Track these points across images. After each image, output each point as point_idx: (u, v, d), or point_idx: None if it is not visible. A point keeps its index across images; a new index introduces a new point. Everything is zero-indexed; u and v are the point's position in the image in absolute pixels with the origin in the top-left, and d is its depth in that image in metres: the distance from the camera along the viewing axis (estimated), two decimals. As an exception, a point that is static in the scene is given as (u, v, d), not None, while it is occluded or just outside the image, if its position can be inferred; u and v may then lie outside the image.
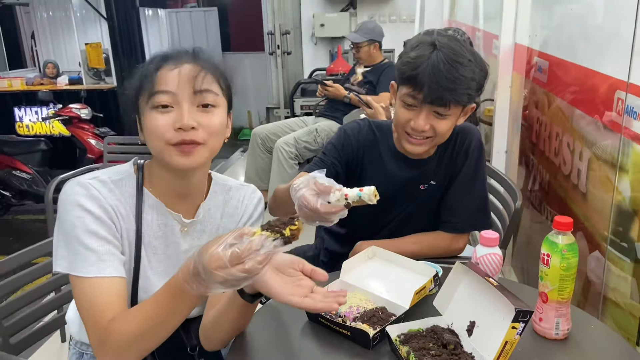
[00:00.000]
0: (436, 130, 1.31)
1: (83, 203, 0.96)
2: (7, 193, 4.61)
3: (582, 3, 1.79)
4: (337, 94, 3.63)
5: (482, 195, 1.47)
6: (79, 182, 0.98)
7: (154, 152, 1.01)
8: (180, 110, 0.95)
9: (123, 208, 1.02)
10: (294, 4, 5.82)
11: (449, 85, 1.23)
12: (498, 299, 0.94)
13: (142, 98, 0.98)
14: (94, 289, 0.92)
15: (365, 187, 0.96)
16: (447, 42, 1.27)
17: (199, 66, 0.98)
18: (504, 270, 2.58)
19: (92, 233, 0.95)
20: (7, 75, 6.91)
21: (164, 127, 0.95)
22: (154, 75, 0.96)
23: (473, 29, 3.73)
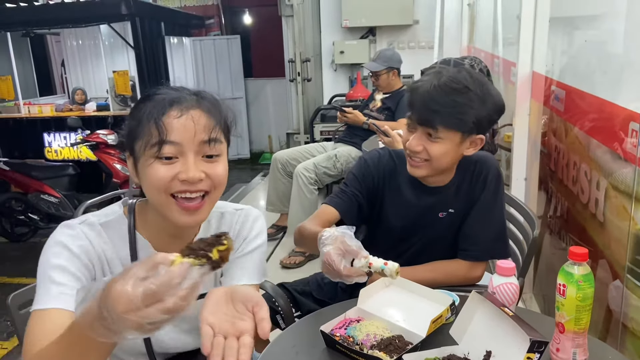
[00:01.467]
0: (429, 152, 1.35)
1: (63, 240, 0.94)
2: (35, 216, 4.73)
3: (597, 35, 1.82)
4: (355, 120, 3.68)
5: (500, 224, 1.48)
6: (67, 224, 0.97)
7: (153, 202, 0.95)
8: (185, 161, 0.90)
9: (111, 251, 0.99)
10: (314, 33, 5.94)
11: (436, 107, 1.29)
12: (514, 329, 0.95)
13: (141, 142, 0.91)
14: (39, 319, 0.87)
15: (389, 262, 1.03)
16: (454, 72, 1.32)
17: (205, 113, 0.92)
18: (525, 298, 2.55)
19: (62, 268, 0.91)
20: (38, 101, 7.16)
21: (168, 178, 0.90)
22: (158, 123, 0.89)
23: (492, 55, 3.77)
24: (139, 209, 1.03)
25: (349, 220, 1.48)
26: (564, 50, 2.19)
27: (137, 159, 0.94)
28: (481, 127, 1.34)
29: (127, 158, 0.98)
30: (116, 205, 1.04)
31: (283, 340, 1.17)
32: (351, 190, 1.49)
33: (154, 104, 0.91)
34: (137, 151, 0.92)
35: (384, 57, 3.70)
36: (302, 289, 1.68)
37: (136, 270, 0.63)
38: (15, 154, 6.28)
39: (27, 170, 4.80)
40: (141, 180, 0.95)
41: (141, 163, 0.92)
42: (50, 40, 8.49)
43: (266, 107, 8.41)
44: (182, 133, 0.89)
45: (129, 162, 0.98)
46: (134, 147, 0.93)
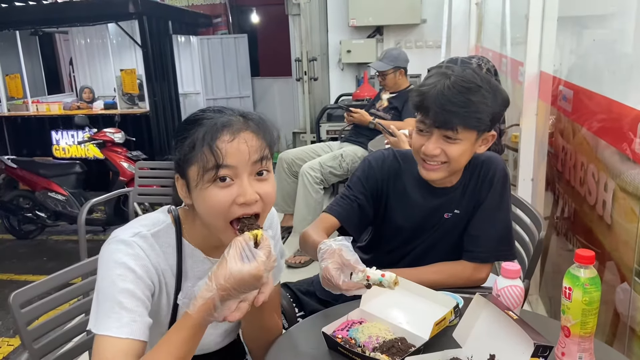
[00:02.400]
0: (448, 154, 1.33)
1: (126, 261, 0.94)
2: (43, 214, 4.77)
3: (605, 34, 1.80)
4: (362, 119, 3.67)
5: (506, 225, 1.46)
6: (123, 240, 0.97)
7: (209, 225, 0.99)
8: (241, 183, 0.94)
9: (163, 262, 1.01)
10: (321, 32, 5.93)
11: (454, 108, 1.26)
12: (518, 333, 0.94)
13: (195, 167, 0.94)
14: (116, 350, 0.89)
15: (387, 273, 1.04)
16: (460, 71, 1.31)
17: (254, 134, 0.95)
18: (531, 299, 2.53)
19: (130, 293, 0.93)
20: (46, 99, 7.21)
21: (227, 203, 0.93)
22: (213, 147, 0.92)
23: (500, 55, 3.74)
24: (184, 215, 1.06)
25: (350, 226, 1.48)
26: (572, 50, 2.17)
27: (190, 182, 0.97)
28: (494, 123, 1.34)
29: (176, 180, 1.01)
30: (161, 214, 1.06)
31: (285, 341, 1.16)
32: (353, 194, 1.48)
33: (206, 129, 0.94)
34: (192, 176, 0.95)
35: (391, 56, 3.68)
36: (306, 289, 1.68)
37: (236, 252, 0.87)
38: (24, 151, 6.34)
39: (35, 168, 4.83)
40: (196, 202, 0.98)
41: (197, 187, 0.95)
42: (59, 39, 8.54)
43: (273, 106, 8.41)
44: (236, 156, 0.93)
45: (179, 184, 1.00)
46: (187, 172, 0.96)
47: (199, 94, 7.85)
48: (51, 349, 1.30)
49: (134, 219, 1.05)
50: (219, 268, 0.87)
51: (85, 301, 1.39)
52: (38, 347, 1.26)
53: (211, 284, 0.86)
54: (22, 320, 1.20)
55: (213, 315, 0.88)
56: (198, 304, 0.87)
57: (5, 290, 3.76)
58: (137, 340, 0.91)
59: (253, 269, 0.86)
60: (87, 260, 1.40)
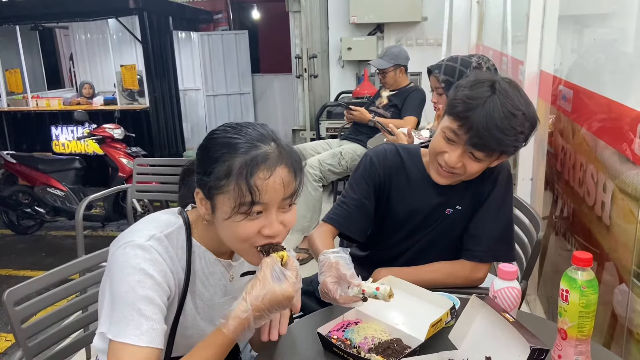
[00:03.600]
0: (467, 169, 1.32)
1: (146, 267, 0.94)
2: (42, 209, 4.76)
3: (606, 33, 1.79)
4: (361, 117, 3.66)
5: (507, 225, 1.45)
6: (140, 245, 0.96)
7: (235, 248, 1.02)
8: (269, 216, 0.96)
9: (177, 264, 1.01)
10: (321, 29, 5.91)
11: (499, 135, 1.22)
12: (514, 336, 0.93)
13: (227, 198, 0.94)
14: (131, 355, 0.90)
15: (381, 287, 1.08)
16: (506, 87, 1.26)
17: (288, 169, 0.96)
18: (529, 299, 2.53)
19: (149, 299, 0.93)
20: (46, 95, 7.20)
21: (253, 233, 0.96)
22: (250, 185, 0.92)
23: (500, 54, 3.73)
24: (195, 217, 1.06)
25: (350, 232, 1.48)
26: (572, 49, 2.15)
27: (218, 209, 0.97)
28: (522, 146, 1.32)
29: (196, 194, 1.00)
30: (172, 216, 1.06)
31: (280, 341, 1.15)
32: (351, 197, 1.48)
33: (243, 161, 0.93)
34: (221, 205, 0.96)
35: (391, 54, 3.67)
36: (305, 288, 1.66)
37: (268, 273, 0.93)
38: (23, 147, 6.33)
39: (34, 163, 4.83)
40: (221, 227, 0.99)
41: (227, 219, 0.95)
42: (59, 34, 8.52)
43: (273, 103, 8.39)
44: (271, 194, 0.94)
45: (202, 202, 1.00)
46: (215, 198, 0.96)
47: (199, 90, 7.84)
48: (46, 347, 1.29)
49: (142, 220, 1.04)
50: (253, 289, 0.92)
51: (81, 299, 1.39)
52: (32, 345, 1.25)
53: (246, 304, 0.91)
54: (16, 317, 1.19)
55: (245, 334, 0.93)
56: (234, 324, 0.92)
57: (3, 286, 3.75)
58: (156, 349, 0.92)
59: (286, 290, 0.92)
60: (83, 258, 1.39)
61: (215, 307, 1.11)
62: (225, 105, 8.03)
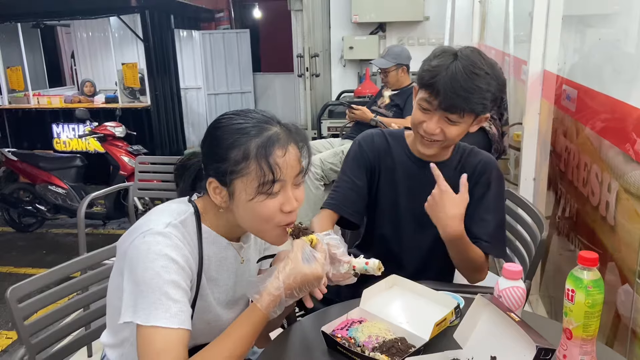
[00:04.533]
0: (446, 134, 1.36)
1: (169, 252, 0.96)
2: (43, 207, 4.75)
3: (610, 33, 1.78)
4: (363, 116, 3.65)
5: (499, 224, 1.46)
6: (160, 232, 0.97)
7: (257, 230, 1.05)
8: (286, 193, 1.00)
9: (193, 249, 1.03)
10: (323, 28, 5.91)
11: (464, 94, 1.29)
12: (520, 335, 0.93)
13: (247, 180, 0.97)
14: (169, 340, 0.91)
15: (370, 260, 1.10)
16: (468, 53, 1.33)
17: (297, 146, 1.01)
18: (531, 299, 2.52)
19: (176, 284, 0.95)
20: (47, 92, 7.18)
21: (275, 212, 1.00)
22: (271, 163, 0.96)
23: (503, 53, 3.72)
24: (204, 204, 1.08)
25: (348, 213, 1.51)
26: (576, 49, 2.15)
27: (237, 193, 0.99)
28: (491, 106, 1.37)
29: (209, 184, 1.02)
30: (182, 204, 1.07)
31: (284, 339, 1.15)
32: (344, 180, 1.53)
33: (259, 142, 0.97)
34: (242, 188, 0.98)
35: (393, 53, 3.66)
36: (308, 287, 1.67)
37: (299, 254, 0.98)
38: (24, 144, 6.32)
39: (35, 161, 4.82)
40: (243, 211, 1.01)
41: (251, 200, 0.98)
42: (61, 32, 8.52)
43: (274, 102, 8.39)
44: (288, 170, 0.99)
45: (216, 190, 1.02)
46: (233, 183, 0.99)
47: (200, 89, 7.83)
48: (49, 344, 1.28)
49: (154, 211, 1.06)
50: (285, 268, 0.96)
51: (83, 296, 1.38)
52: (35, 342, 1.24)
53: (279, 282, 0.95)
54: (19, 315, 1.19)
55: (275, 312, 0.97)
56: (268, 299, 0.96)
57: (4, 283, 3.76)
58: (187, 330, 0.94)
59: (316, 270, 0.97)
60: (85, 255, 1.39)
61: (229, 292, 1.14)
62: (226, 104, 8.03)
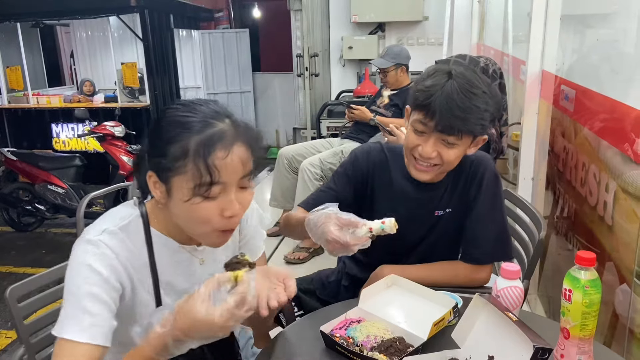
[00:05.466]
0: (443, 158, 1.30)
1: (92, 263, 0.92)
2: (42, 207, 4.75)
3: (609, 34, 1.78)
4: (363, 116, 3.65)
5: (501, 226, 1.44)
6: (90, 241, 0.94)
7: (193, 232, 0.98)
8: (228, 196, 0.93)
9: (135, 258, 0.98)
10: (323, 27, 5.91)
11: (462, 114, 1.23)
12: (517, 335, 0.93)
13: (183, 179, 0.91)
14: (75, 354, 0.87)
15: (386, 219, 1.08)
16: (462, 71, 1.28)
17: (244, 146, 0.94)
18: (529, 299, 2.53)
19: (94, 296, 0.90)
20: (47, 92, 7.17)
21: (214, 215, 0.93)
22: (209, 164, 0.89)
23: (502, 53, 3.73)
24: (152, 206, 1.03)
25: None
26: (574, 49, 2.15)
27: (174, 192, 0.93)
28: (490, 126, 1.32)
29: (149, 178, 0.96)
30: (128, 207, 1.03)
31: (282, 339, 1.16)
32: (329, 186, 1.47)
33: (199, 140, 0.90)
34: (178, 186, 0.92)
35: (392, 53, 3.66)
36: (306, 287, 1.66)
37: (205, 293, 0.83)
38: (24, 144, 6.31)
39: (35, 160, 4.82)
40: (179, 211, 0.95)
41: (186, 201, 0.92)
42: (60, 31, 8.50)
43: (274, 101, 8.38)
44: (229, 173, 0.91)
45: (154, 184, 0.96)
46: (171, 180, 0.93)
47: (199, 89, 7.83)
48: (48, 344, 1.28)
49: (102, 215, 1.02)
50: (184, 303, 0.85)
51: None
52: (34, 342, 1.25)
53: (170, 319, 0.85)
54: (19, 314, 1.19)
55: (169, 353, 0.86)
56: (153, 336, 0.87)
57: (3, 283, 3.76)
58: (97, 346, 0.89)
59: (210, 317, 0.81)
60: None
61: None
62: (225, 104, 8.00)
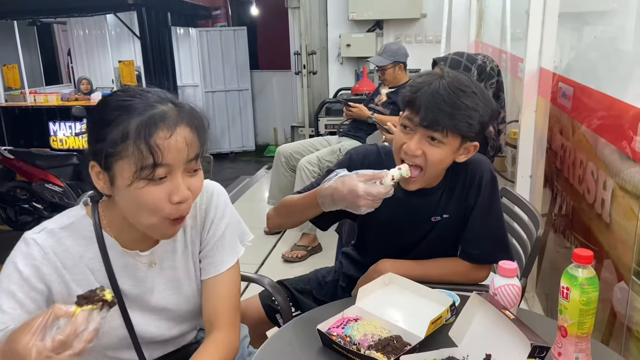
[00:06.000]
0: (428, 157, 1.25)
1: (17, 261, 0.93)
2: (39, 205, 4.74)
3: (607, 31, 1.78)
4: (360, 114, 3.65)
5: (499, 228, 1.42)
6: (23, 239, 0.94)
7: (141, 223, 0.93)
8: (175, 180, 0.90)
9: (73, 257, 0.96)
10: (320, 25, 5.90)
11: (447, 109, 1.21)
12: (515, 333, 0.93)
13: (126, 162, 0.87)
14: None
15: (400, 165, 1.23)
16: (455, 74, 1.27)
17: (189, 127, 0.91)
18: (527, 296, 2.53)
19: (11, 294, 0.90)
20: (44, 90, 7.17)
21: (161, 200, 0.89)
22: (151, 145, 0.86)
23: (500, 51, 3.72)
24: (103, 207, 1.01)
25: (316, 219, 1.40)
26: (572, 47, 2.15)
27: (117, 178, 0.90)
28: (480, 133, 1.29)
29: (91, 168, 0.93)
30: (77, 207, 1.02)
31: (280, 338, 1.15)
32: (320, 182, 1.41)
33: (140, 121, 0.87)
34: (121, 172, 0.89)
35: (390, 51, 3.65)
36: (302, 287, 1.65)
37: (37, 324, 0.74)
38: (21, 142, 6.30)
39: (32, 159, 4.80)
40: (124, 198, 0.92)
41: (129, 186, 0.88)
42: (57, 30, 8.49)
43: (272, 99, 8.38)
44: (173, 154, 0.88)
45: (97, 174, 0.93)
46: (113, 166, 0.89)
47: (197, 87, 7.82)
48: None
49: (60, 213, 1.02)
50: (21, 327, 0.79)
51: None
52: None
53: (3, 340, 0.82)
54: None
55: None
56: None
57: (1, 282, 3.74)
58: None
59: (32, 354, 0.74)
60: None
61: (138, 300, 1.04)
62: (223, 102, 8.01)
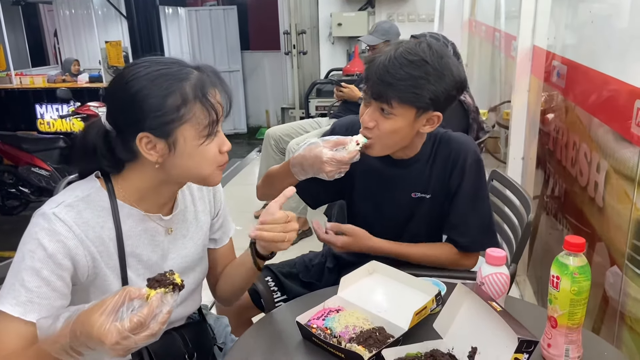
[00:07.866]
0: (380, 128, 1.25)
1: (40, 237, 0.90)
2: (26, 190, 4.68)
3: (602, 8, 1.71)
4: (351, 95, 3.58)
5: (486, 216, 1.39)
6: (43, 214, 0.92)
7: (200, 175, 1.00)
8: (220, 133, 0.99)
9: (98, 228, 0.96)
10: (311, 3, 5.78)
11: (390, 80, 1.19)
12: (501, 326, 0.88)
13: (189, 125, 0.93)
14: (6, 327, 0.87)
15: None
16: (412, 44, 1.23)
17: (220, 86, 0.98)
18: (518, 280, 2.50)
19: (35, 271, 0.89)
20: (30, 72, 7.02)
21: (216, 152, 0.99)
22: (212, 102, 0.94)
23: (494, 29, 3.65)
24: (117, 180, 1.01)
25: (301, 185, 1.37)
26: (567, 24, 2.08)
27: (180, 141, 0.94)
28: (438, 103, 1.24)
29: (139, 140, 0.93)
30: (89, 181, 1.01)
31: (259, 329, 1.11)
32: None
33: (193, 84, 0.93)
34: (186, 135, 0.94)
35: (382, 30, 3.58)
36: (289, 271, 1.63)
37: (111, 305, 0.76)
38: (7, 125, 6.19)
39: (18, 142, 4.72)
40: (187, 159, 0.96)
41: (199, 145, 0.95)
42: (43, 9, 8.30)
43: (264, 81, 8.26)
44: (220, 110, 0.97)
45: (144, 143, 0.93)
46: (176, 132, 0.93)
47: (187, 68, 7.70)
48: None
49: (65, 189, 1.00)
50: (89, 308, 0.78)
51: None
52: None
53: (69, 321, 0.79)
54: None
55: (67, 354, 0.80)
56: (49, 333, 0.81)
57: (-13, 268, 3.69)
58: (28, 322, 0.87)
59: (101, 329, 0.74)
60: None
61: (154, 267, 1.05)
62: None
